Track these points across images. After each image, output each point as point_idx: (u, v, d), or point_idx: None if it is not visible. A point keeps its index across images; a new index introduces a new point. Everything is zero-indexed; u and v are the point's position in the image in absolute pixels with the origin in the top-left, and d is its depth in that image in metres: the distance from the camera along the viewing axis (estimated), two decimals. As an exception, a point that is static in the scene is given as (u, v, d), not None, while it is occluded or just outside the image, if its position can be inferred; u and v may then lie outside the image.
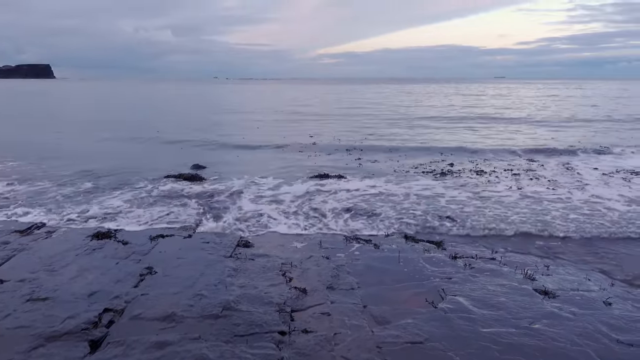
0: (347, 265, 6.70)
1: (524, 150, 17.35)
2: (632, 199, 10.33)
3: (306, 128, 24.89)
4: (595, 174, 13.06)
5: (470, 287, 5.97)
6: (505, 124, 26.92)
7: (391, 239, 7.96)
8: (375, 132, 23.22)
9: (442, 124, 27.46)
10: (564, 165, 14.44)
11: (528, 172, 13.39)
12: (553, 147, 17.92)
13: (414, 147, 18.44)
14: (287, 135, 21.57)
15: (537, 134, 22.65)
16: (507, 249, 7.47)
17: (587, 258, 7.11)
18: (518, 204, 9.95)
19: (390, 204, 10.01)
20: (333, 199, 10.42)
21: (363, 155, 16.36)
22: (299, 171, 13.63)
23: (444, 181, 12.27)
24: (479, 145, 18.63)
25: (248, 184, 11.86)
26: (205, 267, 6.50)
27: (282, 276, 6.28)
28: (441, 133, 23.23)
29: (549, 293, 5.81)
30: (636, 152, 16.93)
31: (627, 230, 8.28)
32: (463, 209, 9.60)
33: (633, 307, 5.51)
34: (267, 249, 7.39)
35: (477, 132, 23.65)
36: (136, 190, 11.17)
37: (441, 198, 10.50)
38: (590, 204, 9.91)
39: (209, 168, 13.97)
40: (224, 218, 9.04)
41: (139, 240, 7.62)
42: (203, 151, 17.36)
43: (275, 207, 9.76)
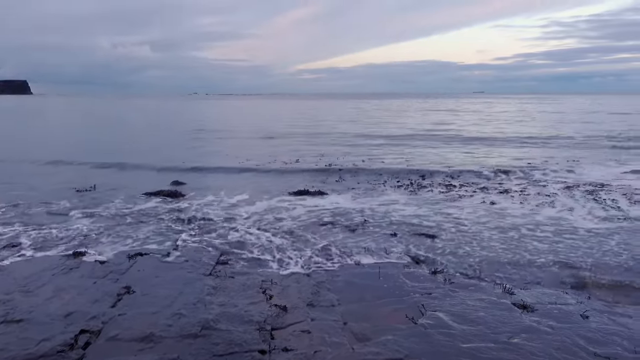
0: (327, 281, 6.69)
1: (487, 169, 17.33)
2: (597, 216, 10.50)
3: (282, 145, 24.88)
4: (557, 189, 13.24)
5: (450, 303, 6.00)
6: (470, 142, 26.25)
7: (372, 253, 7.94)
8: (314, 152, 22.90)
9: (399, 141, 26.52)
10: (518, 186, 14.60)
11: (490, 190, 13.54)
12: (517, 165, 17.81)
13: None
14: (264, 153, 21.50)
15: (501, 153, 22.31)
16: (485, 264, 7.52)
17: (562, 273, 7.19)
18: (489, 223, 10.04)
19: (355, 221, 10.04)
20: (316, 215, 10.42)
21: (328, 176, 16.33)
22: (277, 188, 13.59)
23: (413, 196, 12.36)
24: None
25: (227, 201, 11.80)
26: (184, 286, 6.43)
27: (262, 294, 6.25)
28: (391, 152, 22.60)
29: (527, 307, 5.86)
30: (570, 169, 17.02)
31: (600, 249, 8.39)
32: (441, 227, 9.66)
33: (609, 320, 5.58)
34: (248, 266, 7.34)
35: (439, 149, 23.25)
36: (113, 208, 11.03)
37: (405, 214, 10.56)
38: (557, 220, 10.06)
39: (189, 184, 13.86)
40: (204, 235, 8.96)
41: (116, 259, 7.53)
42: (182, 168, 17.22)
43: (254, 223, 9.72)
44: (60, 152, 20.88)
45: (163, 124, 44.98)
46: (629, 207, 11.05)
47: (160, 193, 12.39)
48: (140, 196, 12.21)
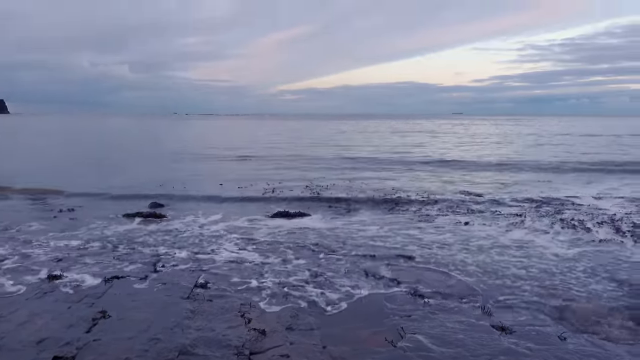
0: (306, 304, 6.64)
1: (460, 192, 17.53)
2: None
3: (260, 167, 24.84)
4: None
5: (429, 325, 5.99)
6: (445, 165, 25.82)
7: (351, 275, 7.92)
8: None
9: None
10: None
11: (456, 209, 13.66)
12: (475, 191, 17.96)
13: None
14: (242, 176, 21.41)
15: (475, 176, 22.27)
16: (465, 283, 7.53)
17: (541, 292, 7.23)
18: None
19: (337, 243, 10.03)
20: (297, 236, 10.39)
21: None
22: (257, 209, 13.54)
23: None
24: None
25: (206, 223, 11.72)
26: (161, 310, 6.34)
27: (241, 317, 6.18)
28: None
29: (506, 329, 5.88)
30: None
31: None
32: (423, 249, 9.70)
33: (587, 342, 5.62)
34: (226, 289, 7.25)
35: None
36: (91, 230, 10.88)
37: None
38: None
39: (168, 206, 13.72)
40: (183, 257, 8.85)
41: (92, 283, 7.40)
42: (162, 189, 17.05)
43: (233, 245, 9.66)
44: (35, 176, 20.32)
45: (140, 145, 44.12)
46: (597, 228, 11.21)
47: (138, 215, 12.25)
48: (119, 218, 12.06)
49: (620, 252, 9.27)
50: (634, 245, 9.74)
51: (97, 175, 20.57)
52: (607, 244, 9.83)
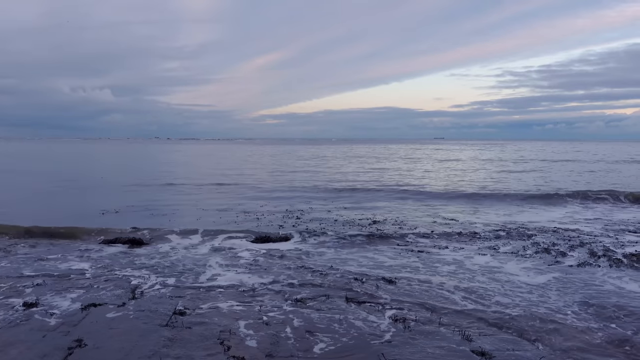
0: (287, 330, 6.58)
1: (435, 221, 17.73)
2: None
3: (237, 193, 24.74)
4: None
5: (409, 351, 5.98)
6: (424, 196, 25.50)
7: (332, 300, 7.89)
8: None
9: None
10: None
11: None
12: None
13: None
14: (221, 202, 21.32)
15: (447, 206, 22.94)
16: (445, 309, 7.54)
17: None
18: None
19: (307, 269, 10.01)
20: (279, 262, 10.34)
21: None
22: (238, 235, 13.46)
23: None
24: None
25: (187, 249, 11.61)
26: (139, 338, 6.23)
27: (220, 345, 6.10)
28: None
29: (485, 354, 5.89)
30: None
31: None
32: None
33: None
34: (206, 315, 7.16)
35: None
36: (67, 257, 10.70)
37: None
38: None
39: (147, 233, 13.55)
40: (162, 284, 8.74)
41: (68, 311, 7.25)
42: (141, 214, 16.90)
43: (213, 271, 9.57)
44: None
45: (117, 169, 43.38)
46: (568, 252, 11.38)
47: (117, 240, 12.10)
48: (97, 244, 11.89)
49: (593, 277, 9.40)
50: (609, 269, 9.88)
51: (75, 202, 20.30)
52: (581, 269, 9.96)
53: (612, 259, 10.65)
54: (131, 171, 39.23)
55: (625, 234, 13.78)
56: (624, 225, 15.23)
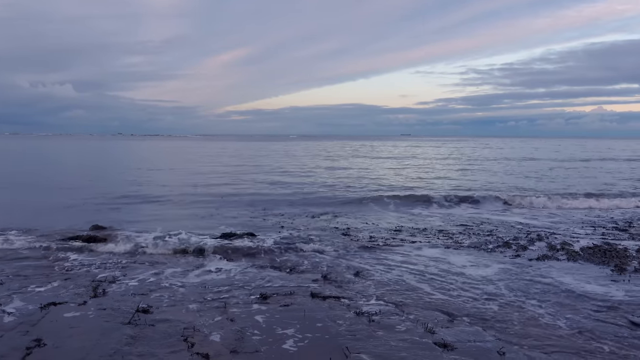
0: (251, 326, 6.58)
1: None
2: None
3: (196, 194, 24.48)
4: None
5: (373, 344, 6.05)
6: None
7: (296, 296, 7.92)
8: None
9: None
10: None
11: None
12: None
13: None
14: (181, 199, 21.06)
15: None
16: (408, 304, 7.65)
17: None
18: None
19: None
20: (246, 257, 10.31)
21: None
22: (200, 231, 13.36)
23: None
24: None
25: (150, 247, 11.45)
26: (100, 336, 6.13)
27: (184, 342, 6.05)
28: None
29: (447, 345, 6.00)
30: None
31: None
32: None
33: (525, 356, 5.80)
34: (169, 313, 7.10)
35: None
36: (26, 254, 10.44)
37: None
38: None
39: (110, 229, 13.34)
40: (125, 282, 8.61)
41: (27, 310, 7.08)
42: (103, 211, 16.60)
43: (177, 269, 9.48)
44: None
45: (74, 167, 41.56)
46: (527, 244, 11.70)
47: (78, 238, 11.84)
48: (56, 242, 11.62)
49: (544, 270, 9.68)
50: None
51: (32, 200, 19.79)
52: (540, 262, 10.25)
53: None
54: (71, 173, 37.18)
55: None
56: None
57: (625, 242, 12.12)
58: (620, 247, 11.51)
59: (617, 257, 10.52)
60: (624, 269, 9.61)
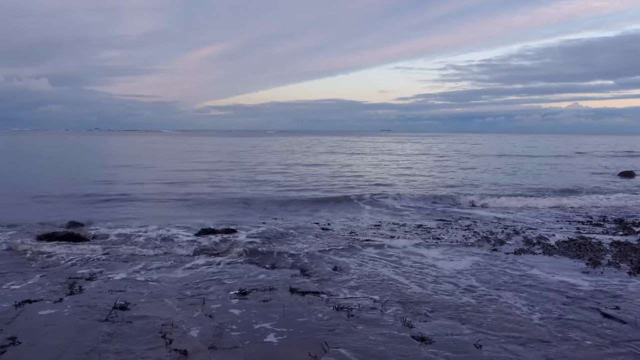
0: (230, 322, 6.56)
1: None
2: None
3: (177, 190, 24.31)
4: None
5: (352, 338, 6.07)
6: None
7: (276, 291, 7.91)
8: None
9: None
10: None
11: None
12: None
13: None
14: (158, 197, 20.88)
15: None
16: (387, 299, 7.69)
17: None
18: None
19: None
20: (227, 251, 10.27)
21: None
22: (180, 226, 13.27)
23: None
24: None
25: (128, 244, 11.35)
26: (76, 334, 6.06)
27: (162, 338, 6.01)
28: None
29: (425, 339, 6.05)
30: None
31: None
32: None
33: (500, 349, 5.88)
34: (147, 309, 7.03)
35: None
36: (2, 250, 10.27)
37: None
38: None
39: (87, 225, 13.17)
40: (102, 279, 8.51)
41: (1, 308, 6.96)
42: (79, 207, 16.37)
43: (155, 266, 9.41)
44: None
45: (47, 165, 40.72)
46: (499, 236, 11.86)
47: (54, 236, 11.65)
48: (32, 239, 11.43)
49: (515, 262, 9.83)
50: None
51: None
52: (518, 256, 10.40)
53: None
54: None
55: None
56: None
57: (599, 237, 12.35)
58: (594, 241, 11.73)
59: (591, 250, 10.72)
60: (598, 262, 9.78)
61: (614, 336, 6.26)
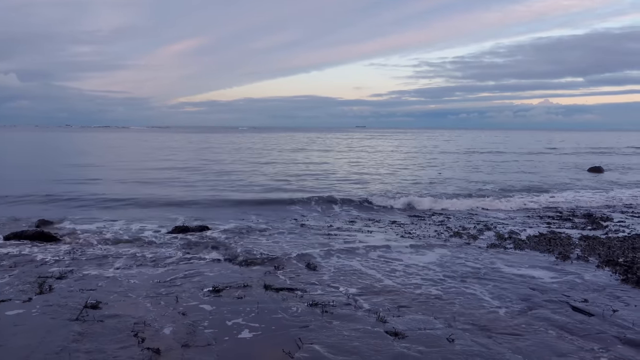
0: (204, 320, 6.53)
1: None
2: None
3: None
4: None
5: (326, 334, 6.09)
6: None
7: (249, 288, 7.88)
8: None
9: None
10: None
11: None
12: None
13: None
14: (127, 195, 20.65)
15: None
16: (361, 294, 7.74)
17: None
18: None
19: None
20: (196, 250, 10.19)
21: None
22: (154, 223, 13.13)
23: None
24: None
25: (100, 242, 11.19)
26: (46, 334, 5.95)
27: (134, 337, 5.94)
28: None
29: (398, 334, 6.10)
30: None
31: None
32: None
33: (472, 342, 5.96)
34: (119, 308, 6.94)
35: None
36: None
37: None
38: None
39: (57, 223, 12.94)
40: (73, 278, 8.37)
41: (-33, 308, 6.80)
42: (49, 205, 16.08)
43: (129, 264, 9.30)
44: None
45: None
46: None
47: (23, 234, 11.41)
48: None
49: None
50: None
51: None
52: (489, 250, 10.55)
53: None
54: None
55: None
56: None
57: (568, 231, 12.60)
58: (564, 235, 11.97)
59: (561, 245, 10.94)
60: (568, 256, 9.99)
61: (582, 329, 6.40)
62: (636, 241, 11.22)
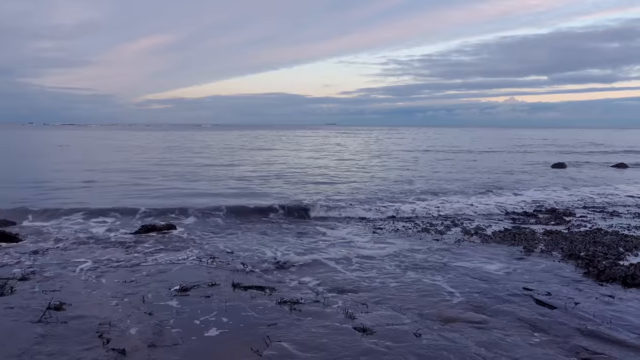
0: (171, 319, 6.45)
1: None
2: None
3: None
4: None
5: (294, 332, 6.09)
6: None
7: (217, 287, 7.83)
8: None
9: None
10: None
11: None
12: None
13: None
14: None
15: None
16: (329, 291, 7.76)
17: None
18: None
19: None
20: (165, 249, 10.06)
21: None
22: (120, 225, 12.93)
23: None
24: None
25: (65, 242, 10.96)
26: (6, 337, 5.79)
27: (99, 338, 5.83)
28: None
29: (367, 330, 6.14)
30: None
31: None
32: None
33: (439, 337, 6.04)
34: (84, 309, 6.81)
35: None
36: None
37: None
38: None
39: (19, 222, 12.62)
40: (36, 279, 8.17)
41: None
42: (8, 204, 15.65)
43: (95, 263, 9.13)
44: None
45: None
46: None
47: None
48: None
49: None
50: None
51: None
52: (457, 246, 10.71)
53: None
54: None
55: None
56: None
57: (533, 226, 12.88)
58: (528, 230, 12.22)
59: (525, 240, 11.16)
60: (532, 250, 10.21)
61: (546, 321, 6.55)
62: (597, 235, 11.53)
